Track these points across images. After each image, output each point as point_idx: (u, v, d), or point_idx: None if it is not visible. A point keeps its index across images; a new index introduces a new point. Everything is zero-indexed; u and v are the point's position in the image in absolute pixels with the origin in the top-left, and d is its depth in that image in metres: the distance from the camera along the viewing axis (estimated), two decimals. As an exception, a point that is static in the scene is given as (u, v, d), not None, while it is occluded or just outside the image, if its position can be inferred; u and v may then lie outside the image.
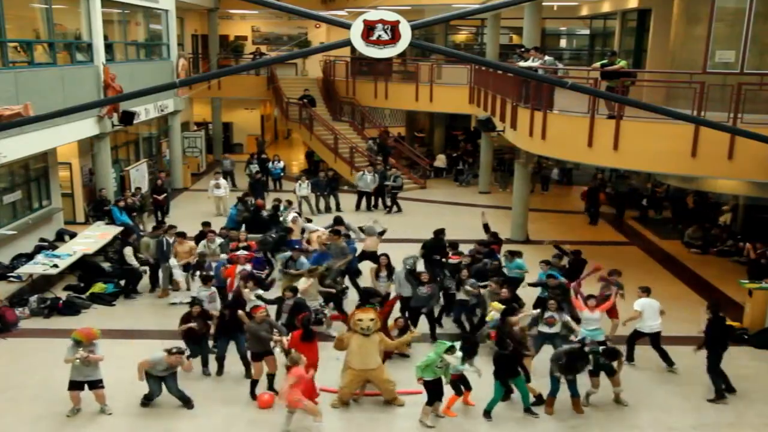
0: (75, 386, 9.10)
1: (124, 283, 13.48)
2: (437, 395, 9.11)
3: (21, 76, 13.26)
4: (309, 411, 8.69)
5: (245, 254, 12.53)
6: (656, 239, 18.24)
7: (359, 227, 14.73)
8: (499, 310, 10.38)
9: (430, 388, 9.07)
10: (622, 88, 13.32)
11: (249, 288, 10.95)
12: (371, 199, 20.68)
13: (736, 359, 10.58)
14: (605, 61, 13.84)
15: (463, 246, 13.55)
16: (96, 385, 9.14)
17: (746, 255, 15.05)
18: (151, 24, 21.47)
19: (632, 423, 9.34)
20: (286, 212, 15.91)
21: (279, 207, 16.37)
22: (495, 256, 12.95)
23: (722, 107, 11.95)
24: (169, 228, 13.90)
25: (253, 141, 29.80)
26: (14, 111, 11.92)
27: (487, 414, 9.30)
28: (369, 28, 5.79)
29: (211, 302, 10.95)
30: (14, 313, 12.05)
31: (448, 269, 12.43)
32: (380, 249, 13.44)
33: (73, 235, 15.60)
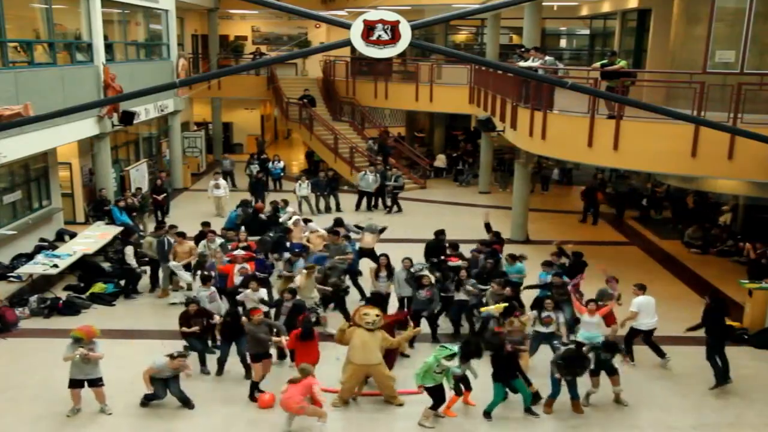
0: (75, 384, 9.11)
1: (124, 283, 13.48)
2: (441, 400, 9.09)
3: (21, 76, 13.26)
4: (314, 414, 8.68)
5: (243, 254, 12.53)
6: (656, 239, 18.23)
7: (356, 225, 14.72)
8: (500, 311, 10.38)
9: (433, 394, 9.05)
10: (622, 88, 13.33)
11: (252, 289, 10.96)
12: (371, 199, 20.68)
13: (736, 359, 10.56)
14: (605, 61, 13.85)
15: (464, 246, 13.50)
16: (96, 383, 9.15)
17: (746, 255, 15.06)
18: (151, 24, 21.46)
19: (632, 423, 9.34)
20: (284, 211, 15.95)
21: (278, 208, 16.37)
22: (497, 256, 12.92)
23: (722, 107, 11.95)
24: (171, 228, 13.89)
25: (253, 141, 29.80)
26: (14, 111, 11.92)
27: (487, 415, 9.30)
28: (369, 28, 5.80)
29: (212, 302, 10.93)
30: (14, 313, 12.05)
31: (448, 271, 12.37)
32: (380, 249, 13.43)
33: (73, 235, 15.60)
